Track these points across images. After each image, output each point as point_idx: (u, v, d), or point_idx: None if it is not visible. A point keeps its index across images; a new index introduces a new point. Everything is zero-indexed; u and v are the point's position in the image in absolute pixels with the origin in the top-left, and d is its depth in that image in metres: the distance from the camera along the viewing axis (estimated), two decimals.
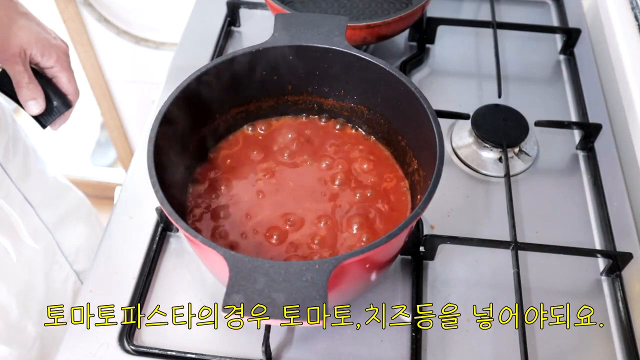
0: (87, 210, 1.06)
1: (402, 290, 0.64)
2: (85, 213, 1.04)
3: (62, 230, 0.96)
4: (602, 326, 0.62)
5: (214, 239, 0.60)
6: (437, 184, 0.51)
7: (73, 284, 0.97)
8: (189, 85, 0.59)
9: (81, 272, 0.99)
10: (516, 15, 0.96)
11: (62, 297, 0.93)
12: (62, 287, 0.94)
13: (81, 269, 0.99)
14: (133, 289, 0.63)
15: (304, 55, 0.63)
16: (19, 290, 0.83)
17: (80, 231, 1.00)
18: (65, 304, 0.94)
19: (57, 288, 0.93)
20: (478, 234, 0.68)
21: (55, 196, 0.96)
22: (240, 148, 0.68)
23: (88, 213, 1.06)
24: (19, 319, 0.83)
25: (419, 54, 0.88)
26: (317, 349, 0.60)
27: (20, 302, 0.83)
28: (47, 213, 0.92)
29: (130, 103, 1.58)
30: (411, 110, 0.60)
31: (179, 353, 0.59)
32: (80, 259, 0.99)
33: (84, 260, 1.00)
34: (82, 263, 0.99)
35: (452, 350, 0.60)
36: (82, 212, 1.04)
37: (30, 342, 0.85)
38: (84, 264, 1.00)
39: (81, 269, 0.99)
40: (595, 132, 0.76)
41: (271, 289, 0.43)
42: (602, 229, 0.70)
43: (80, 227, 1.01)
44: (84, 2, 1.31)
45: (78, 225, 1.00)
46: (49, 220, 0.92)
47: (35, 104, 0.62)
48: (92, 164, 1.98)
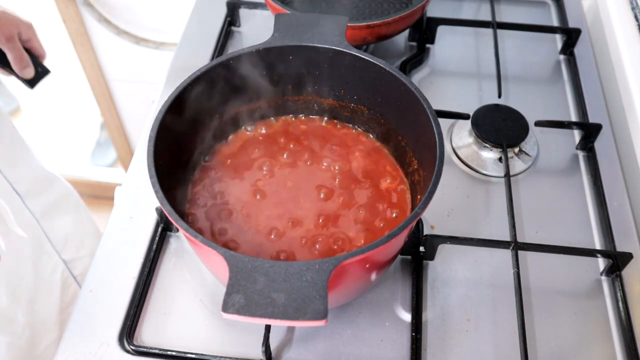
0: (75, 200, 1.08)
1: (402, 290, 0.64)
2: (72, 203, 1.06)
3: (50, 220, 0.97)
4: (602, 326, 0.62)
5: (213, 239, 0.60)
6: (437, 184, 0.51)
7: (61, 272, 0.98)
8: (189, 86, 0.59)
9: (69, 261, 1.01)
10: (516, 15, 0.96)
11: (51, 286, 0.95)
12: (51, 276, 0.96)
13: (69, 258, 1.01)
14: (133, 289, 0.63)
15: (304, 55, 0.63)
16: (9, 280, 0.84)
17: (67, 220, 1.02)
18: (55, 292, 0.96)
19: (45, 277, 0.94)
20: (478, 234, 0.68)
21: (43, 185, 0.98)
22: (240, 148, 0.68)
23: (75, 203, 1.08)
24: (8, 308, 0.84)
25: (419, 54, 0.88)
26: (317, 349, 0.60)
27: (10, 290, 0.84)
28: (34, 202, 0.94)
29: (130, 103, 1.58)
30: (411, 110, 0.60)
31: (179, 353, 0.59)
32: (68, 247, 1.01)
33: (72, 249, 1.02)
34: (70, 252, 1.01)
35: (452, 350, 0.60)
36: (70, 202, 1.05)
37: (20, 330, 0.86)
38: (72, 253, 1.02)
39: (69, 257, 1.01)
40: (595, 132, 0.76)
41: (271, 289, 0.43)
42: (602, 229, 0.70)
43: (67, 216, 1.03)
44: (84, 2, 1.31)
45: (65, 215, 1.02)
46: (36, 210, 0.94)
47: (30, 69, 0.79)
48: (92, 164, 1.98)
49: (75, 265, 1.02)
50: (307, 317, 0.41)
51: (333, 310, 0.61)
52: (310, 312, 0.41)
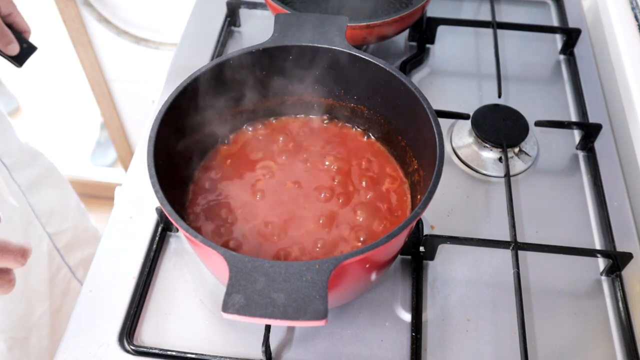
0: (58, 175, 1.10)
1: (402, 290, 0.64)
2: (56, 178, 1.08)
3: (35, 193, 0.99)
4: (602, 326, 0.62)
5: (213, 239, 0.60)
6: (437, 184, 0.51)
7: (47, 245, 1.00)
8: (188, 86, 0.59)
9: (53, 234, 1.03)
10: (516, 15, 0.96)
11: (37, 258, 0.96)
12: (37, 248, 0.97)
13: (53, 231, 1.03)
14: (133, 289, 0.63)
15: (304, 55, 0.63)
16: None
17: (52, 195, 1.04)
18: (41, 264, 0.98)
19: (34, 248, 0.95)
20: (478, 234, 0.68)
21: (28, 160, 0.99)
22: (240, 148, 0.68)
23: (58, 178, 1.09)
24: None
25: (419, 54, 0.88)
26: (317, 349, 0.60)
27: None
28: (20, 175, 0.95)
29: (130, 103, 1.58)
30: (411, 110, 0.60)
31: (179, 353, 0.59)
32: (52, 220, 1.02)
33: (56, 222, 1.03)
34: (54, 225, 1.03)
35: (452, 350, 0.60)
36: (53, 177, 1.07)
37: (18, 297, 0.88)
38: (56, 226, 1.03)
39: (53, 230, 1.03)
40: (595, 132, 0.76)
41: (271, 289, 0.43)
42: (602, 229, 0.70)
43: (52, 191, 1.04)
44: (84, 2, 1.31)
45: (50, 189, 1.04)
46: (22, 182, 0.96)
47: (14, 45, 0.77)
48: (92, 164, 1.98)
49: (59, 238, 1.04)
50: (307, 317, 0.41)
51: (333, 310, 0.61)
52: (310, 312, 0.41)
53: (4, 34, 0.75)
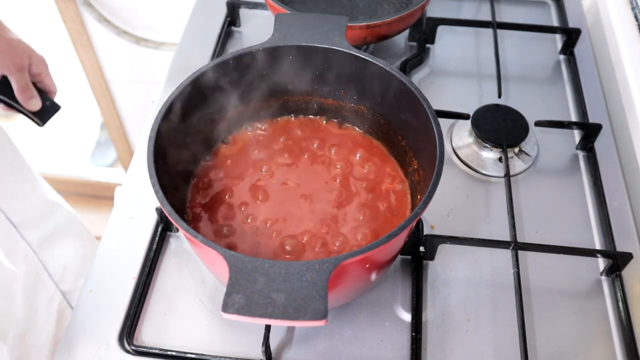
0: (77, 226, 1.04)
1: (402, 290, 0.64)
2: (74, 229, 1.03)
3: (49, 249, 0.94)
4: (602, 326, 0.62)
5: (213, 238, 0.60)
6: (437, 184, 0.51)
7: (58, 304, 0.95)
8: (188, 86, 0.59)
9: (67, 292, 0.98)
10: (516, 15, 0.96)
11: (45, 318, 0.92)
12: (47, 308, 0.92)
13: (68, 289, 0.98)
14: (133, 289, 0.63)
15: (304, 55, 0.63)
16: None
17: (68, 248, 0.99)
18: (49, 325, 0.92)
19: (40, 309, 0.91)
20: (478, 234, 0.68)
21: (43, 214, 0.95)
22: (240, 148, 0.68)
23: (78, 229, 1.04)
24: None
25: (419, 54, 0.88)
26: (317, 349, 0.60)
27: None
28: (31, 232, 0.91)
29: (130, 103, 1.58)
30: (411, 110, 0.60)
31: (179, 353, 0.59)
32: (67, 278, 0.97)
33: (71, 279, 0.98)
34: (68, 282, 0.98)
35: (452, 350, 0.60)
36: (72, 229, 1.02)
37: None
38: (71, 284, 0.98)
39: (68, 288, 0.98)
40: (595, 132, 0.76)
41: (271, 289, 0.43)
42: (602, 229, 0.70)
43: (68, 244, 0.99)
44: (84, 2, 1.31)
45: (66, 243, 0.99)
46: (33, 240, 0.91)
47: (36, 100, 0.76)
48: (92, 164, 1.98)
49: (73, 296, 1.00)
50: (307, 317, 0.41)
51: (333, 310, 0.61)
52: (310, 312, 0.41)
53: (27, 89, 0.75)
